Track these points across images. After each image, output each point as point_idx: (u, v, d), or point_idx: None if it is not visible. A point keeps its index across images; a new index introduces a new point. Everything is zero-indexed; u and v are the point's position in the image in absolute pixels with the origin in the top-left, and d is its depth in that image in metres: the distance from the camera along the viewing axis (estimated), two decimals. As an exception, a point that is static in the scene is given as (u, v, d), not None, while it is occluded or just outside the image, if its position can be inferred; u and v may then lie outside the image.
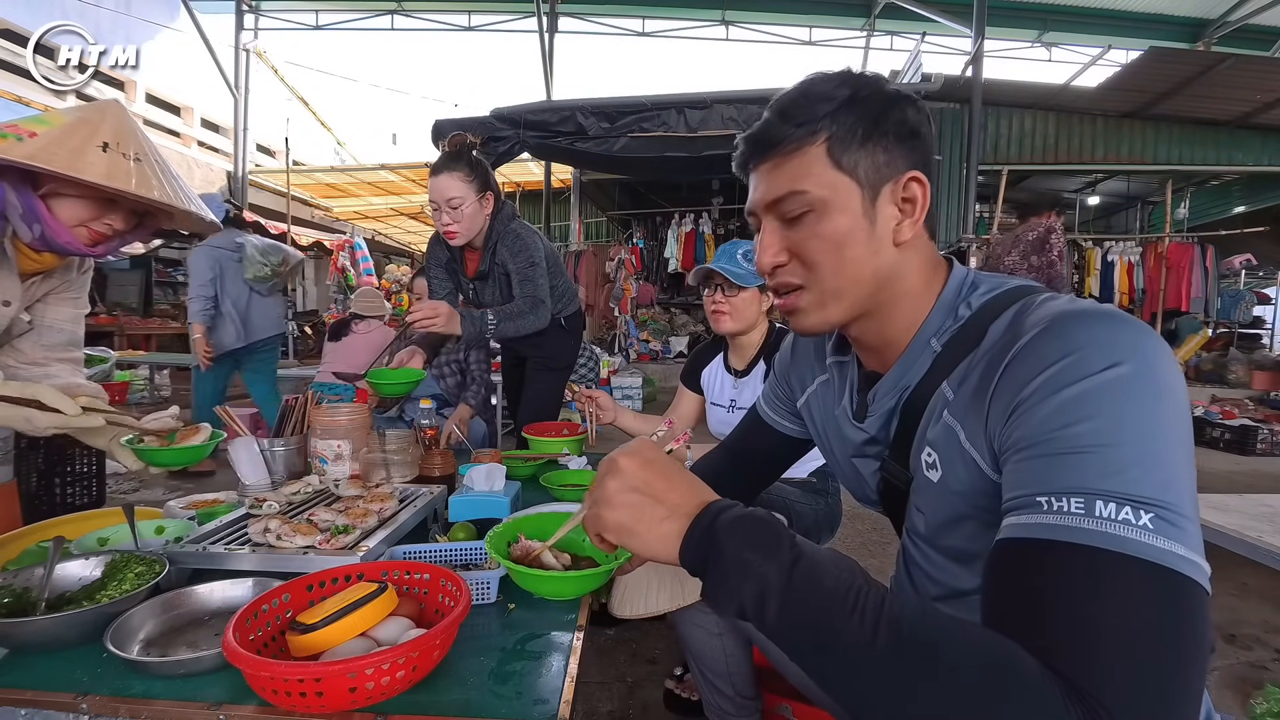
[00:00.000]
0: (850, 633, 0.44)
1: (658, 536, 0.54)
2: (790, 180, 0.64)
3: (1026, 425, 0.50)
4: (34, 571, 0.88)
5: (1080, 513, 0.44)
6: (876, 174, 0.63)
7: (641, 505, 0.55)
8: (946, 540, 0.65)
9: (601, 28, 10.68)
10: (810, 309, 0.68)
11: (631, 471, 0.56)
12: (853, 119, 0.62)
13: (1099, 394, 0.47)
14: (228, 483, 1.46)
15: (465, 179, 1.82)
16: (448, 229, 1.85)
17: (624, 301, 8.67)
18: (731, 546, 0.50)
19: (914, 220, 0.64)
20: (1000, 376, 0.55)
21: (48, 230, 1.08)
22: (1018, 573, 0.47)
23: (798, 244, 0.65)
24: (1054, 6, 9.67)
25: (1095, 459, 0.46)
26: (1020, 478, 0.50)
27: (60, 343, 1.32)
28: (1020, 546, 0.47)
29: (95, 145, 1.05)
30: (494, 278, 2.01)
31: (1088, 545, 0.43)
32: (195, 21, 8.39)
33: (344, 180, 10.50)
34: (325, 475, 1.42)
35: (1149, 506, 0.43)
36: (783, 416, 0.96)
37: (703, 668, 1.18)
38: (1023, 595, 0.46)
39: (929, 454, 0.64)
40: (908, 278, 0.67)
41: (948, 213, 6.99)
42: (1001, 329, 0.59)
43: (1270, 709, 1.60)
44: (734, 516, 0.52)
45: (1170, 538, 0.43)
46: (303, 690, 0.62)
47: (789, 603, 0.47)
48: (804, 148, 0.63)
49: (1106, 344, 0.49)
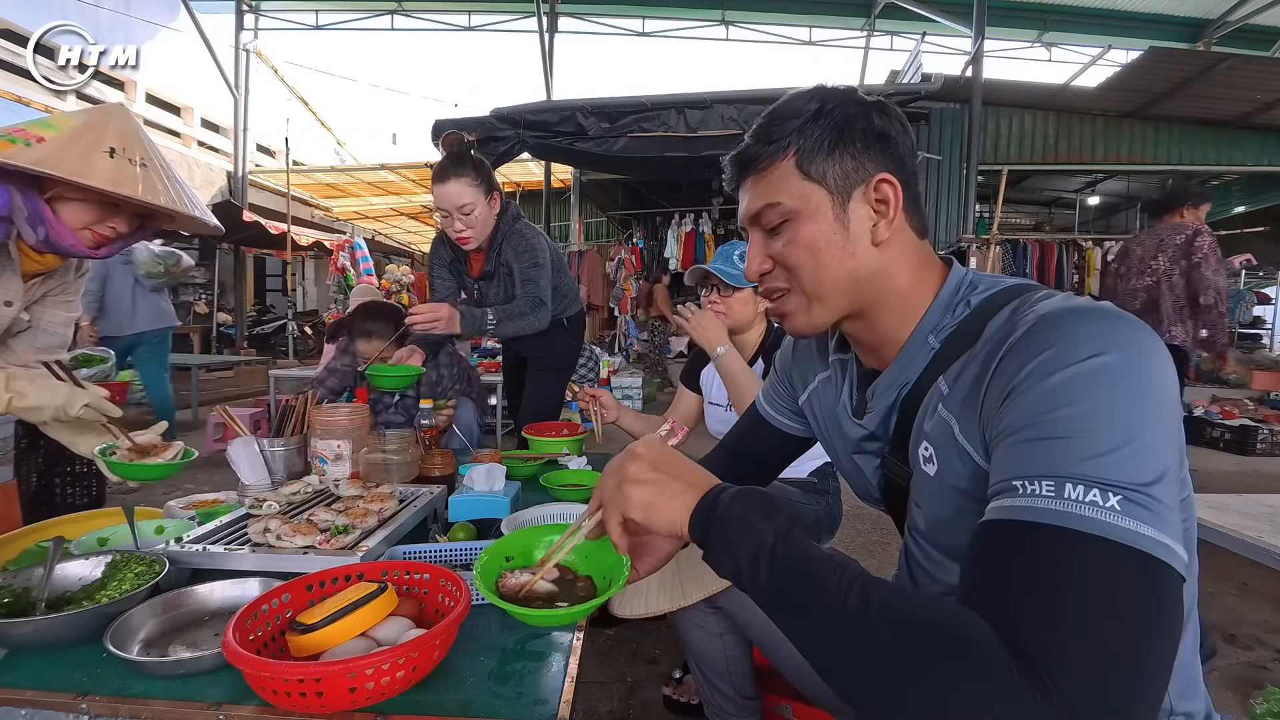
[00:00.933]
0: (827, 595, 0.48)
1: (678, 509, 0.59)
2: (765, 194, 0.69)
3: (1013, 412, 0.52)
4: (34, 571, 0.88)
5: (1050, 494, 0.46)
6: (845, 180, 0.66)
7: (661, 482, 0.61)
8: (945, 537, 0.66)
9: (601, 28, 10.67)
10: (796, 312, 0.72)
11: (650, 457, 0.63)
12: (819, 131, 0.66)
13: (1082, 380, 0.48)
14: (228, 483, 1.46)
15: (473, 183, 1.82)
16: (461, 235, 1.85)
17: (624, 301, 8.66)
18: (735, 509, 0.55)
19: (889, 220, 0.67)
20: (994, 369, 0.56)
21: (52, 233, 1.09)
22: (988, 552, 0.49)
23: (779, 252, 0.70)
24: (1054, 6, 9.67)
25: (1072, 444, 0.47)
26: (1003, 464, 0.51)
27: (52, 345, 1.34)
28: (994, 529, 0.49)
29: (102, 150, 1.06)
30: (499, 277, 2.02)
31: (1053, 525, 0.45)
32: (195, 21, 8.40)
33: (344, 180, 10.49)
34: (325, 475, 1.42)
35: (1118, 489, 0.44)
36: (783, 414, 0.96)
37: (703, 668, 1.18)
38: (990, 573, 0.48)
39: (925, 448, 0.65)
40: (892, 277, 0.69)
41: (948, 213, 6.98)
42: (998, 325, 0.60)
43: (1270, 709, 1.60)
44: (740, 489, 0.58)
45: (1138, 519, 0.43)
46: (303, 690, 0.62)
47: (778, 561, 0.52)
48: (775, 163, 0.68)
49: (1097, 335, 0.50)
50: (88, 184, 1.03)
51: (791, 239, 0.68)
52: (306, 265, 13.31)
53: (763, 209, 0.69)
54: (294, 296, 10.65)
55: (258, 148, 11.29)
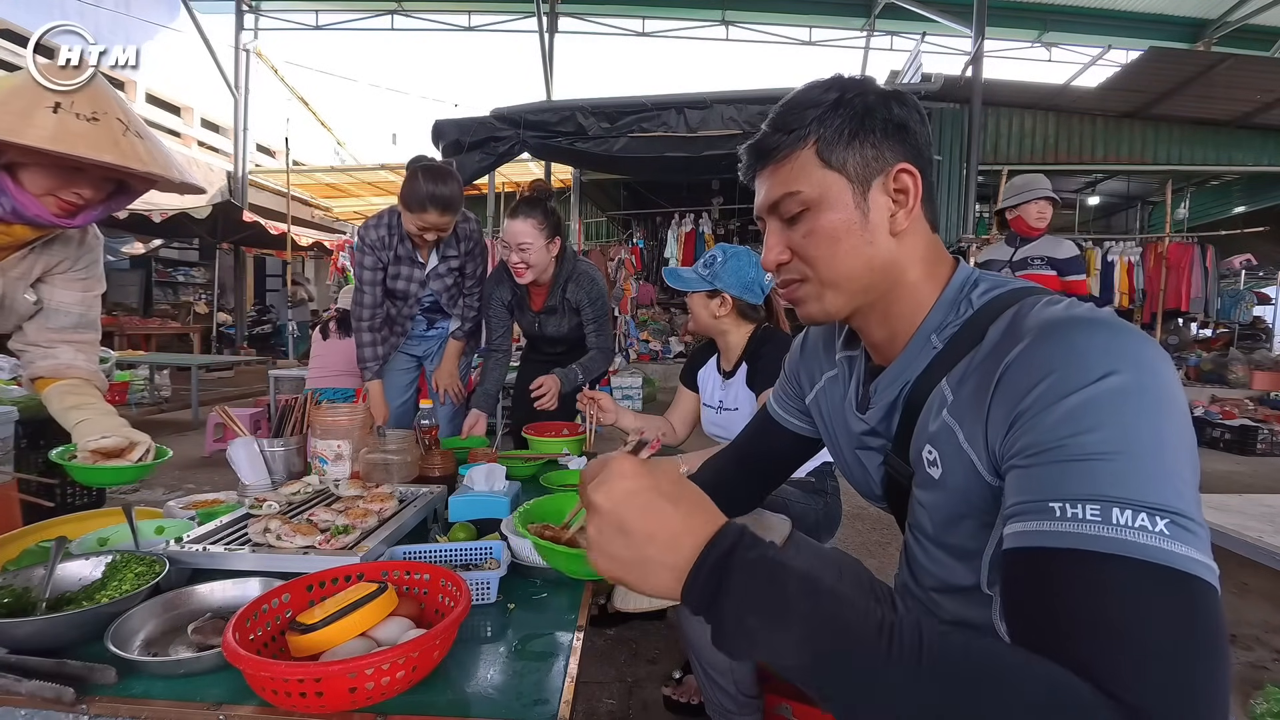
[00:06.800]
0: (892, 674, 0.41)
1: (654, 587, 0.48)
2: (785, 183, 0.68)
3: (1032, 433, 0.51)
4: (34, 571, 0.88)
5: (1096, 519, 0.44)
6: (865, 169, 0.66)
7: (633, 563, 0.48)
8: (947, 537, 0.66)
9: (601, 28, 10.68)
10: (809, 299, 0.72)
11: (616, 515, 0.48)
12: (839, 120, 0.66)
13: (1103, 402, 0.48)
14: (228, 483, 1.46)
15: (538, 226, 2.01)
16: (517, 266, 2.04)
17: (624, 301, 8.67)
18: (732, 612, 0.45)
19: (908, 210, 0.67)
20: (998, 382, 0.55)
21: (16, 203, 1.02)
22: (1041, 584, 0.46)
23: (799, 243, 0.69)
24: (1054, 6, 9.67)
25: (1106, 466, 0.46)
26: (1028, 484, 0.50)
27: (68, 325, 1.29)
28: (1042, 556, 0.47)
29: (45, 106, 0.96)
30: (562, 312, 2.22)
31: (1112, 554, 0.43)
32: (195, 21, 8.40)
33: (344, 180, 10.51)
34: (325, 475, 1.42)
35: (1163, 513, 0.44)
36: (792, 414, 0.96)
37: (705, 664, 1.18)
38: (1049, 608, 0.46)
39: (930, 451, 0.65)
40: (907, 268, 0.69)
41: (948, 213, 6.98)
42: (1000, 331, 0.60)
43: (1270, 709, 1.60)
44: (734, 570, 0.46)
45: (1186, 543, 0.43)
46: (303, 690, 0.62)
47: (813, 666, 0.44)
48: (795, 152, 0.67)
49: (1106, 351, 0.50)
50: (20, 142, 0.93)
51: (812, 228, 0.67)
52: (306, 265, 13.31)
53: (783, 198, 0.68)
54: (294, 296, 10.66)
55: (258, 148, 11.30)
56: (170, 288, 11.42)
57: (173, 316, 10.33)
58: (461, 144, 5.03)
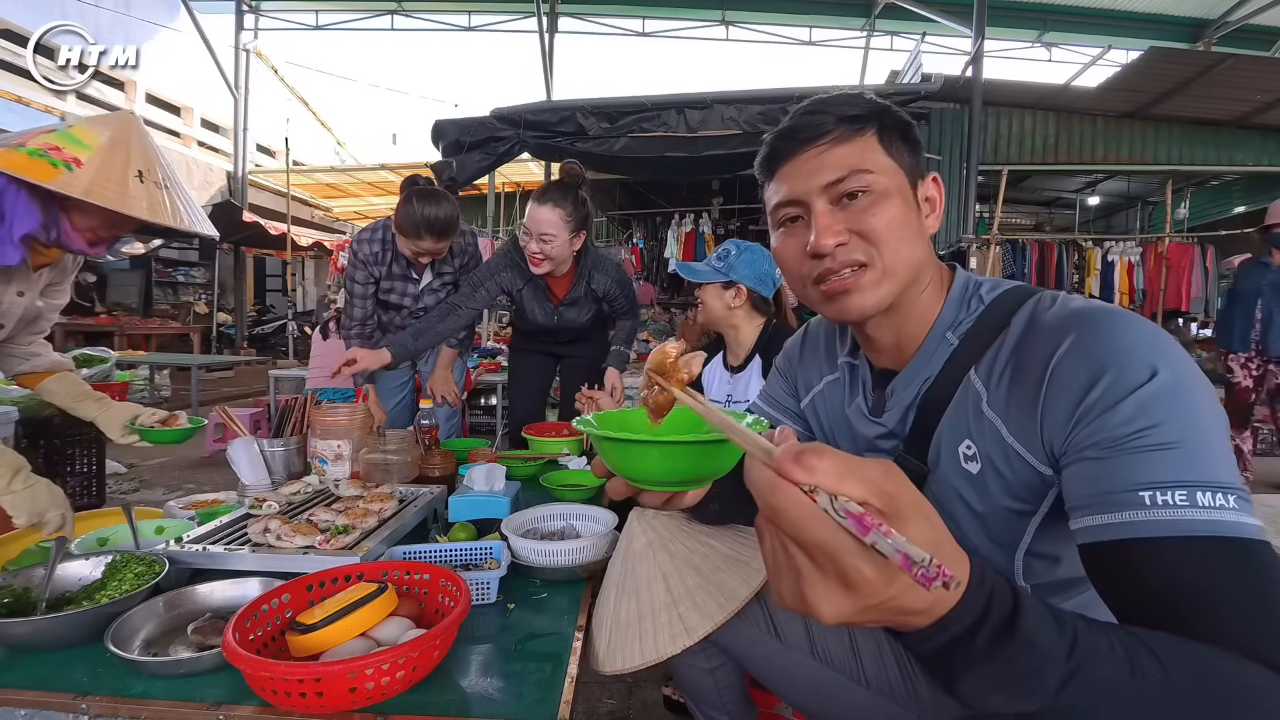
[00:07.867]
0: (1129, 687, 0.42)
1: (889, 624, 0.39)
2: (848, 163, 0.67)
3: (1102, 430, 0.54)
4: (34, 571, 0.88)
5: (1185, 504, 0.48)
6: (914, 169, 0.70)
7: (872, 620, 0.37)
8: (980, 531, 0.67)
9: (601, 28, 10.67)
10: (868, 287, 0.68)
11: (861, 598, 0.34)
12: (893, 119, 0.69)
13: (1162, 397, 0.52)
14: (228, 483, 1.46)
15: (565, 218, 1.84)
16: (533, 256, 1.88)
17: (624, 301, 8.64)
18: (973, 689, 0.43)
19: (936, 217, 0.71)
20: (1050, 378, 0.58)
21: (64, 237, 1.16)
22: (1166, 571, 0.49)
23: (859, 222, 0.67)
24: (1054, 6, 9.66)
25: (1177, 454, 0.50)
26: (1108, 474, 0.53)
27: (43, 329, 1.44)
28: (1151, 546, 0.49)
29: (133, 176, 1.13)
30: (584, 301, 2.10)
31: (1227, 536, 0.48)
32: (195, 21, 8.40)
33: (344, 180, 10.49)
34: (325, 475, 1.42)
35: (1229, 490, 0.49)
36: (783, 415, 0.96)
37: (698, 704, 1.11)
38: (1183, 595, 0.48)
39: (968, 446, 0.66)
40: (928, 271, 0.72)
41: (948, 213, 6.97)
42: (1024, 321, 0.63)
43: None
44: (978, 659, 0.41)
45: (1250, 514, 0.49)
46: (303, 690, 0.62)
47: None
48: (853, 136, 0.68)
49: (1151, 348, 0.54)
50: (131, 215, 1.11)
51: (878, 210, 0.66)
52: (306, 265, 13.30)
53: (849, 174, 0.66)
54: (294, 296, 10.65)
55: (258, 148, 11.29)
56: (170, 288, 11.40)
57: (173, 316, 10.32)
58: (461, 144, 5.03)
